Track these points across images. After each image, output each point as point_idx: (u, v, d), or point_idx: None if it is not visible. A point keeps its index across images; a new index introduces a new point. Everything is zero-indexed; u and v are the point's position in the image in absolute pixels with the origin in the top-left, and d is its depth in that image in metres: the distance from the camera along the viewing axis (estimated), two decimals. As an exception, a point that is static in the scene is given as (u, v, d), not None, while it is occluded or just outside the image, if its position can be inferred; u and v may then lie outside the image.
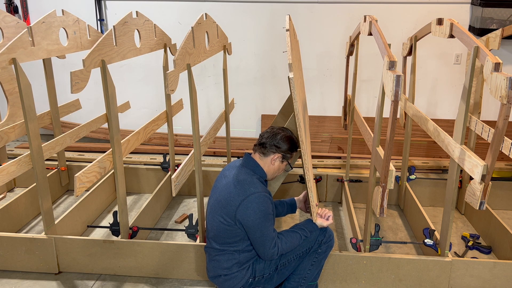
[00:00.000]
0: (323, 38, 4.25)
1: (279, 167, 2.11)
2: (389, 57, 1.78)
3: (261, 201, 1.94)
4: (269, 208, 1.97)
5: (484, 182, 1.88)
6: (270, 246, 1.98)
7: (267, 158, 2.08)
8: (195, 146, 2.52)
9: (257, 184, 1.99)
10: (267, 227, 1.96)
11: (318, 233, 2.11)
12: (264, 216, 1.95)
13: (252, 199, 1.93)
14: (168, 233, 3.02)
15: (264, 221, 1.95)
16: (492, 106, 4.17)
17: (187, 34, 2.31)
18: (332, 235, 2.16)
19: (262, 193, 1.96)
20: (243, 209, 1.93)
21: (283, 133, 2.09)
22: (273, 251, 1.99)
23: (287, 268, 2.11)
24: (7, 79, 3.07)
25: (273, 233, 2.00)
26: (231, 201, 1.96)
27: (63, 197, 3.55)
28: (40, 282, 2.47)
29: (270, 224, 1.99)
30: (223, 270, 2.06)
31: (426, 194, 3.44)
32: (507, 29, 2.85)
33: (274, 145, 2.06)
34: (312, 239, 2.10)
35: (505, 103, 1.67)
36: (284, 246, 2.01)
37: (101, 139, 4.65)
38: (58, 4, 4.17)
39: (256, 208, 1.93)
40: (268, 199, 1.98)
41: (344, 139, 4.37)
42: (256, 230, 1.95)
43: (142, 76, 4.52)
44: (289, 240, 2.03)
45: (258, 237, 1.97)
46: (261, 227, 1.95)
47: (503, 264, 2.30)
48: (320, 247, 2.12)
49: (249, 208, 1.93)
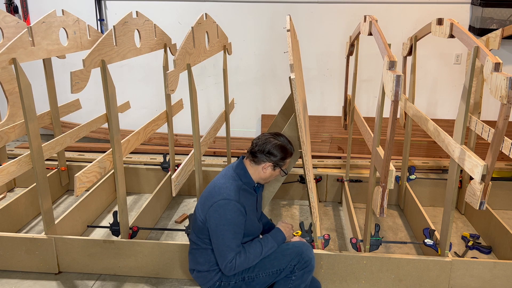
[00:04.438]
0: (323, 38, 4.25)
1: (271, 174, 2.07)
2: (389, 57, 1.78)
3: (229, 209, 1.92)
4: (235, 218, 1.93)
5: (484, 182, 1.88)
6: (228, 258, 1.92)
7: (259, 166, 2.05)
8: (195, 146, 2.52)
9: (232, 192, 1.96)
10: (227, 237, 1.92)
11: (292, 256, 2.01)
12: (228, 224, 1.92)
13: (221, 204, 1.93)
14: (168, 233, 3.02)
15: (226, 229, 1.92)
16: (492, 106, 4.17)
17: (187, 34, 2.31)
18: (310, 260, 2.03)
19: (233, 201, 1.93)
20: (212, 211, 1.95)
21: (275, 141, 2.03)
22: (230, 264, 1.92)
23: (256, 282, 2.03)
24: (7, 79, 3.07)
25: (235, 245, 1.93)
26: (208, 200, 2.00)
27: (63, 197, 3.55)
28: (40, 282, 2.47)
29: (233, 235, 1.93)
30: (197, 264, 2.10)
31: (426, 194, 3.44)
32: (507, 29, 2.85)
33: (265, 154, 2.02)
34: (284, 260, 2.01)
35: (505, 103, 1.67)
36: (242, 262, 1.94)
37: (101, 139, 4.65)
38: (58, 4, 4.17)
39: (222, 214, 1.92)
40: (238, 210, 1.94)
41: (344, 139, 4.37)
42: (217, 236, 1.94)
43: (142, 76, 4.52)
44: (251, 253, 1.96)
45: (217, 244, 1.95)
46: (222, 234, 1.92)
47: (503, 264, 2.30)
48: (294, 273, 2.01)
49: (216, 212, 1.94)
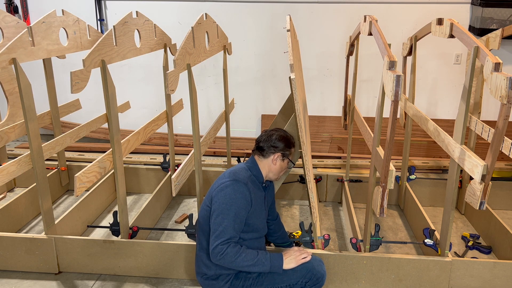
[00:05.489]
0: (323, 38, 4.25)
1: (281, 166, 2.13)
2: (389, 57, 1.78)
3: (235, 189, 1.93)
4: (240, 199, 1.92)
5: (484, 182, 1.88)
6: (222, 240, 1.87)
7: (267, 160, 2.10)
8: (195, 146, 2.52)
9: (241, 176, 1.99)
10: (228, 217, 1.89)
11: (304, 272, 1.97)
12: (231, 203, 1.91)
13: (228, 184, 1.95)
14: (168, 233, 3.02)
15: (229, 209, 1.90)
16: (492, 106, 4.17)
17: (187, 34, 2.31)
18: (322, 276, 1.99)
19: (241, 183, 1.95)
20: (218, 190, 1.97)
21: (277, 133, 2.13)
22: (221, 247, 1.86)
23: None
24: (7, 79, 3.07)
25: (232, 230, 1.89)
26: (216, 183, 2.02)
27: (63, 197, 3.55)
28: (40, 282, 2.47)
29: (233, 218, 1.90)
30: (204, 267, 2.03)
31: (426, 194, 3.44)
32: (507, 29, 2.85)
33: (272, 146, 2.09)
34: (295, 276, 1.97)
35: (505, 103, 1.67)
36: (232, 254, 1.86)
37: (101, 139, 4.65)
38: (58, 4, 4.17)
39: (227, 192, 1.93)
40: (244, 192, 1.93)
41: (344, 139, 4.37)
42: (217, 215, 1.91)
43: (142, 76, 4.52)
44: (245, 254, 1.90)
45: (216, 223, 1.90)
46: (223, 213, 1.90)
47: (503, 264, 2.30)
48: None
49: (222, 190, 1.95)
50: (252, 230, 2.04)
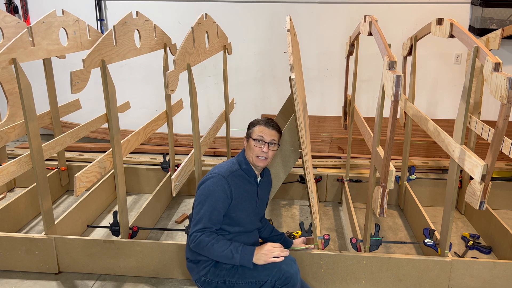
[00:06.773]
0: (323, 38, 4.25)
1: (249, 146, 2.12)
2: (389, 57, 1.78)
3: (213, 182, 2.02)
4: (217, 192, 1.99)
5: (484, 182, 1.88)
6: (197, 227, 1.96)
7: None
8: (195, 146, 2.52)
9: (222, 170, 2.07)
10: (205, 208, 1.97)
11: (272, 271, 1.94)
12: (208, 195, 1.99)
13: (210, 177, 2.04)
14: (168, 233, 3.02)
15: (205, 200, 1.99)
16: (492, 106, 4.17)
17: (187, 34, 2.32)
18: (291, 275, 1.94)
19: (219, 175, 2.03)
20: (201, 182, 2.06)
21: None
22: (195, 234, 1.95)
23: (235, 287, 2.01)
24: (7, 79, 3.07)
25: (207, 220, 1.96)
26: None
27: (63, 197, 3.55)
28: (40, 282, 2.47)
29: (210, 209, 1.97)
30: (188, 250, 2.11)
31: (426, 194, 3.44)
32: (507, 29, 2.85)
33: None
34: (264, 273, 1.95)
35: (505, 103, 1.67)
36: (204, 243, 1.93)
37: (101, 139, 4.65)
38: (58, 4, 4.17)
39: (206, 185, 2.02)
40: (221, 185, 2.00)
41: (344, 139, 4.37)
42: (197, 204, 2.02)
43: (142, 76, 4.52)
44: (217, 244, 1.94)
45: (195, 212, 2.01)
46: (201, 204, 1.99)
47: (503, 264, 2.30)
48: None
49: (204, 182, 2.04)
50: (237, 224, 2.06)
